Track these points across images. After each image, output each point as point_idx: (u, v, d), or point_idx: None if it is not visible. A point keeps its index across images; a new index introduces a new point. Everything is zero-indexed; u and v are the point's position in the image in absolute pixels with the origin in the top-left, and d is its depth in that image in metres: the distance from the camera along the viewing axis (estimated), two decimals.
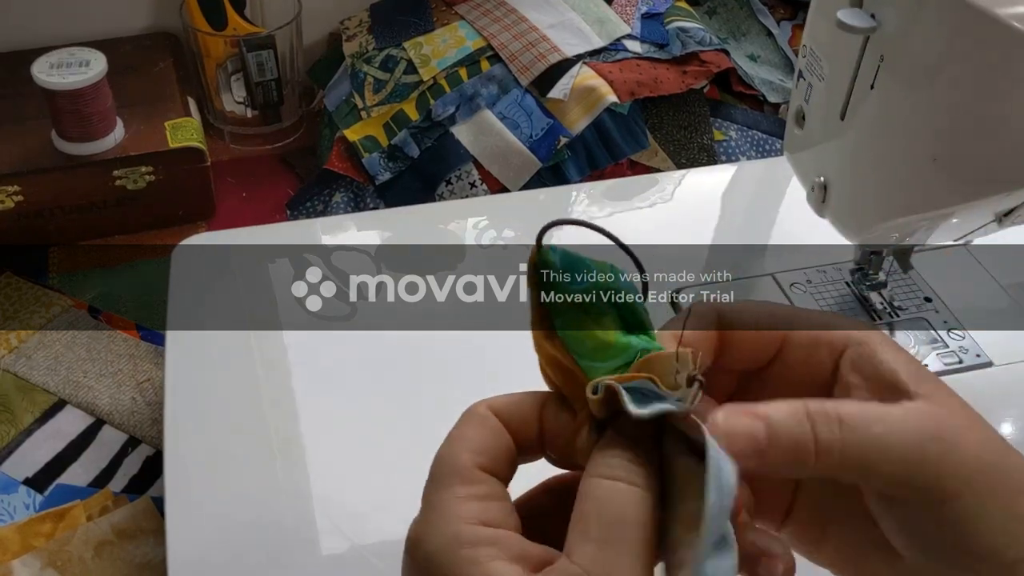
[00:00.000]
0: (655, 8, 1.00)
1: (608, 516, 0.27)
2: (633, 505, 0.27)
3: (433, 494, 0.30)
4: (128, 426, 0.72)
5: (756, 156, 0.97)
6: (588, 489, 0.28)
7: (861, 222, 0.57)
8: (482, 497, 0.29)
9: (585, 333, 0.30)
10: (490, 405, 0.32)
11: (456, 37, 0.95)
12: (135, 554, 0.63)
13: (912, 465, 0.28)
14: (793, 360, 0.32)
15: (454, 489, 0.29)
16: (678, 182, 0.84)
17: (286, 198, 0.94)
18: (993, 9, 0.44)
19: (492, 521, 0.28)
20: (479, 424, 0.31)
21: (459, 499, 0.29)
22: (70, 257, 0.86)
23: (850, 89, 0.53)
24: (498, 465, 0.30)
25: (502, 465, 0.31)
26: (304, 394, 0.63)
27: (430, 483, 0.30)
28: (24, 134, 0.86)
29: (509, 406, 0.32)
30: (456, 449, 0.30)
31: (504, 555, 0.27)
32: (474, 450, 0.30)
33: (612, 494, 0.27)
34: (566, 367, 0.31)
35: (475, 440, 0.30)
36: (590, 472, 0.28)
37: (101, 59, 0.82)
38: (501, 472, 0.30)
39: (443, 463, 0.30)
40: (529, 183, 0.90)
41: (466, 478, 0.29)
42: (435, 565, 0.28)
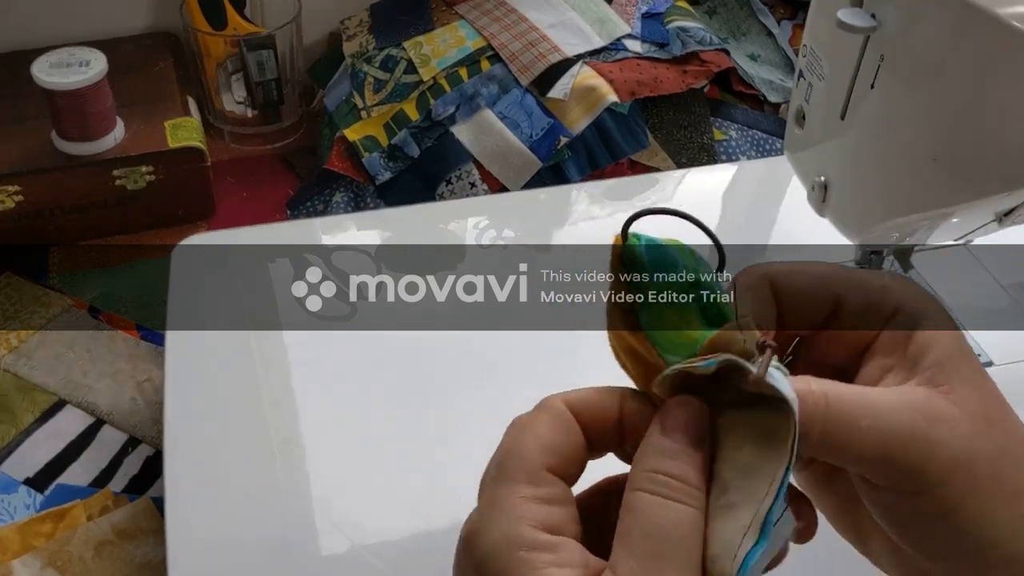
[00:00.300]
0: (655, 8, 1.00)
1: (654, 532, 0.26)
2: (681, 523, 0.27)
3: (495, 489, 0.28)
4: (128, 426, 0.72)
5: (756, 156, 0.97)
6: (633, 503, 0.27)
7: (861, 222, 0.57)
8: (547, 500, 0.28)
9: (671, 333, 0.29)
10: (566, 400, 0.30)
11: (456, 37, 0.95)
12: (135, 554, 0.63)
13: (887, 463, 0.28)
14: (844, 324, 0.31)
15: (519, 487, 0.28)
16: (678, 182, 0.84)
17: (286, 198, 0.94)
18: (993, 9, 0.44)
19: (554, 527, 0.27)
20: (554, 420, 0.30)
21: (523, 499, 0.28)
22: (70, 257, 0.86)
23: (850, 89, 0.53)
24: (567, 466, 0.29)
25: (571, 466, 0.30)
26: (304, 394, 0.63)
27: (493, 476, 0.29)
28: (24, 134, 0.86)
29: (587, 401, 0.30)
30: (526, 444, 0.29)
31: (561, 563, 0.26)
32: (545, 448, 0.29)
33: (658, 509, 0.27)
34: (648, 360, 0.30)
35: (547, 437, 0.29)
36: (635, 485, 0.28)
37: (101, 59, 0.82)
38: (569, 473, 0.29)
39: (510, 457, 0.29)
40: (529, 183, 0.90)
41: (533, 477, 0.28)
42: (489, 563, 0.27)
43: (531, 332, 0.66)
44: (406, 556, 0.55)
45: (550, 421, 0.30)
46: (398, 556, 0.55)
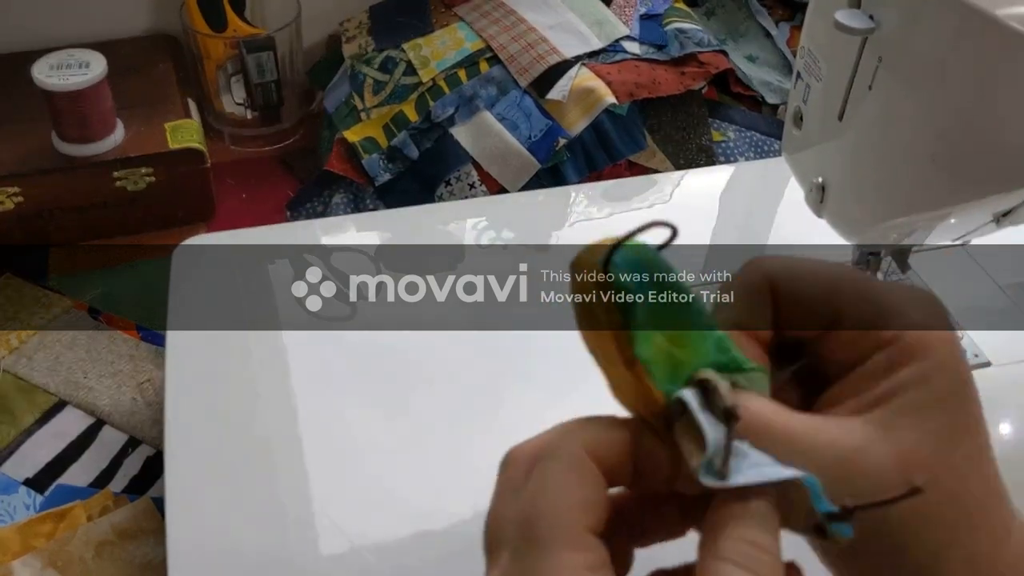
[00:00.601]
0: (653, 9, 1.01)
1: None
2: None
3: (537, 560, 0.26)
4: (128, 426, 0.72)
5: (754, 157, 0.97)
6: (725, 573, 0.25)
7: (859, 222, 0.57)
8: (594, 567, 0.26)
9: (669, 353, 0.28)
10: (586, 446, 0.28)
11: (455, 39, 0.95)
12: (135, 554, 0.63)
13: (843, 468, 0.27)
14: (840, 339, 0.29)
15: (564, 557, 0.25)
16: (676, 183, 0.84)
17: (286, 199, 0.94)
18: (992, 9, 0.44)
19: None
20: (580, 473, 0.27)
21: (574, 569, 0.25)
22: (70, 258, 0.86)
23: (848, 90, 0.54)
24: (600, 522, 0.27)
25: (603, 521, 0.27)
26: (304, 394, 0.63)
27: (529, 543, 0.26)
28: (24, 135, 0.86)
29: (605, 446, 0.28)
30: (560, 505, 0.26)
31: None
32: (581, 507, 0.26)
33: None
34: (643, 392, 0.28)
35: (579, 495, 0.27)
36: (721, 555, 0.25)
37: (101, 60, 0.82)
38: (600, 529, 0.27)
39: (546, 521, 0.26)
40: (528, 184, 0.90)
41: (577, 544, 0.26)
42: None
43: (531, 332, 0.67)
44: (406, 556, 0.55)
45: (578, 475, 0.27)
46: (398, 556, 0.55)
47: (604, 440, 0.28)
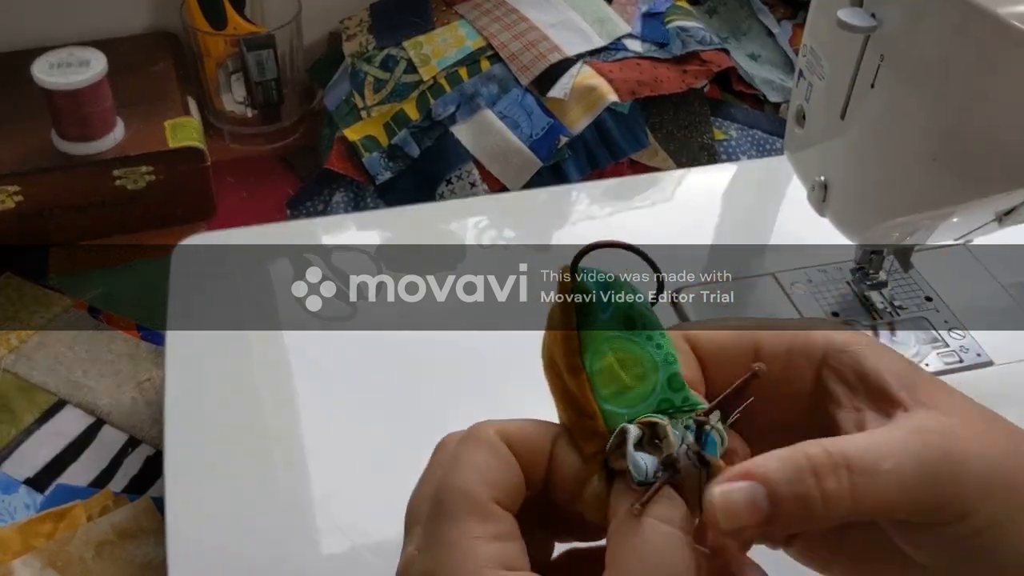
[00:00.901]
0: (655, 7, 1.00)
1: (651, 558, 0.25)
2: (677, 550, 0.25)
3: (443, 528, 0.26)
4: (128, 426, 0.72)
5: (756, 155, 0.97)
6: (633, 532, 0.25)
7: (862, 221, 0.57)
8: (501, 537, 0.26)
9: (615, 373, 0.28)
10: (500, 431, 0.28)
11: (456, 36, 0.95)
12: (135, 554, 0.63)
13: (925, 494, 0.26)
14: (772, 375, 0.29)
15: (469, 526, 0.26)
16: (678, 181, 0.84)
17: (286, 198, 0.94)
18: (993, 8, 0.44)
19: (512, 564, 0.26)
20: (491, 452, 0.28)
21: (477, 539, 0.26)
22: (70, 257, 0.86)
23: (850, 88, 0.53)
24: (511, 500, 0.27)
25: (515, 500, 0.27)
26: (304, 394, 0.63)
27: (437, 514, 0.27)
28: (24, 134, 0.86)
29: (521, 436, 0.28)
30: (468, 478, 0.27)
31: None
32: (489, 482, 0.27)
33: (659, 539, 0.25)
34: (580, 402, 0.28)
35: (488, 470, 0.27)
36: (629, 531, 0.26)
37: (101, 59, 0.82)
38: (513, 508, 0.27)
39: (453, 492, 0.27)
40: (529, 183, 0.90)
41: (483, 513, 0.26)
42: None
43: (531, 332, 0.66)
44: None
45: (488, 454, 0.28)
46: (397, 556, 0.55)
47: (518, 430, 0.28)
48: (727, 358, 0.30)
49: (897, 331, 0.67)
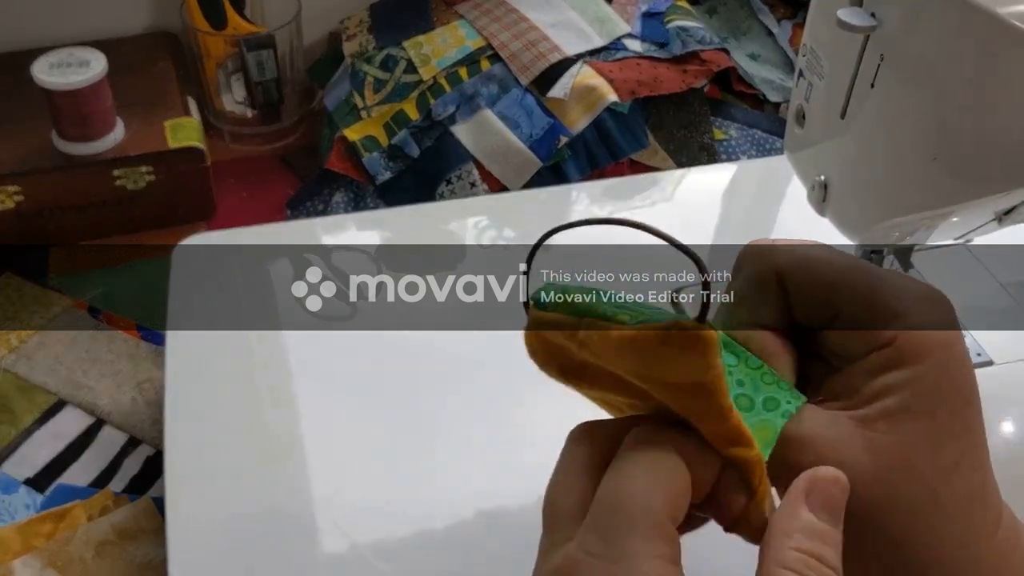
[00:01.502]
0: (655, 7, 1.00)
1: None
2: None
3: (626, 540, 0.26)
4: (128, 426, 0.72)
5: (756, 155, 0.97)
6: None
7: (861, 221, 0.57)
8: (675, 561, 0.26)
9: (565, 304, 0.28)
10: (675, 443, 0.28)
11: (456, 36, 0.95)
12: (135, 554, 0.63)
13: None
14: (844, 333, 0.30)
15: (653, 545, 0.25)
16: (678, 181, 0.84)
17: (286, 198, 0.94)
18: (994, 8, 0.44)
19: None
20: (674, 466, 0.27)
21: (658, 558, 0.25)
22: (70, 257, 0.86)
23: (850, 88, 0.53)
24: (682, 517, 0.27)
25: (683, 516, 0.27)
26: (304, 394, 0.63)
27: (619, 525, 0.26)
28: (24, 134, 0.86)
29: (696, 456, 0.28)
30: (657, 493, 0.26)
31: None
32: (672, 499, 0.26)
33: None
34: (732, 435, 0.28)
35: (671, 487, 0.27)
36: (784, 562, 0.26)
37: (101, 59, 0.82)
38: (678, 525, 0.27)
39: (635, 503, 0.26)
40: (529, 183, 0.90)
41: (664, 533, 0.26)
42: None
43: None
44: (406, 555, 0.55)
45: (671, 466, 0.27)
46: (398, 556, 0.55)
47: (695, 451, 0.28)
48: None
49: None
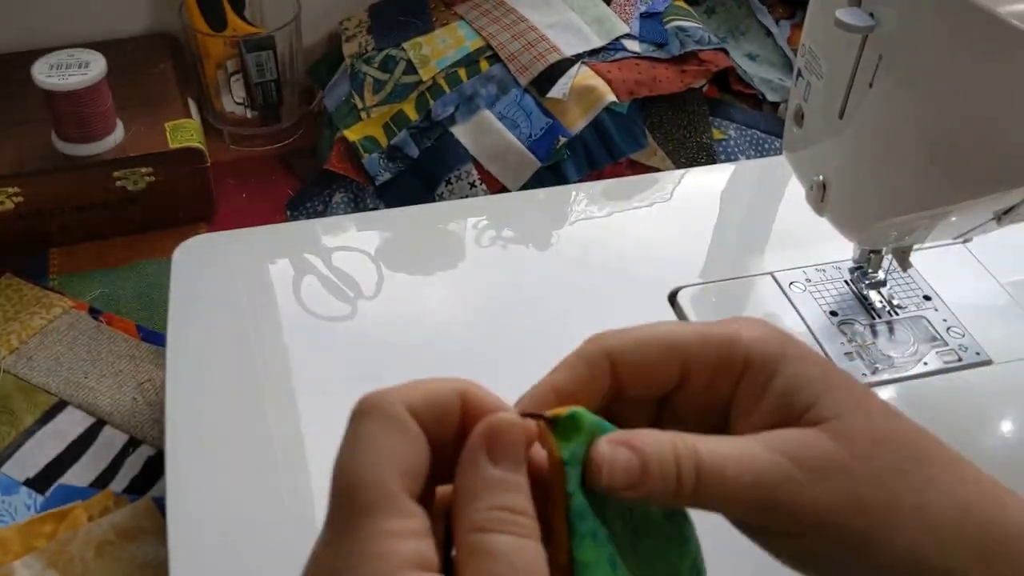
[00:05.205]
0: (654, 7, 1.00)
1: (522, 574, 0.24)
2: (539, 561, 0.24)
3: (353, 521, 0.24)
4: (129, 427, 0.72)
5: (755, 155, 0.97)
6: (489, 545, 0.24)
7: (860, 221, 0.57)
8: (417, 534, 0.24)
9: None
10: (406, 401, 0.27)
11: (455, 37, 0.95)
12: (136, 554, 0.64)
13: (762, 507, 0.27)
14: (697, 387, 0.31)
15: (384, 521, 0.24)
16: (677, 181, 0.84)
17: (286, 198, 0.94)
18: (993, 8, 0.44)
19: (428, 564, 0.24)
20: (401, 432, 0.26)
21: (392, 536, 0.24)
22: (70, 258, 0.86)
23: (849, 88, 0.54)
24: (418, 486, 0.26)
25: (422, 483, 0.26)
26: (304, 394, 0.63)
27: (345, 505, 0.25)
28: (24, 135, 0.86)
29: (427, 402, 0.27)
30: (378, 465, 0.25)
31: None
32: (401, 470, 0.25)
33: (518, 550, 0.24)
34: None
35: (399, 455, 0.25)
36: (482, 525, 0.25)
37: (101, 60, 0.82)
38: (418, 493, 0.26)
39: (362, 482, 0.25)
40: (528, 183, 0.90)
41: (398, 508, 0.24)
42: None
43: (531, 332, 0.67)
44: None
45: (398, 434, 0.26)
46: None
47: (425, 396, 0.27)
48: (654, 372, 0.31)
49: (896, 330, 0.67)
